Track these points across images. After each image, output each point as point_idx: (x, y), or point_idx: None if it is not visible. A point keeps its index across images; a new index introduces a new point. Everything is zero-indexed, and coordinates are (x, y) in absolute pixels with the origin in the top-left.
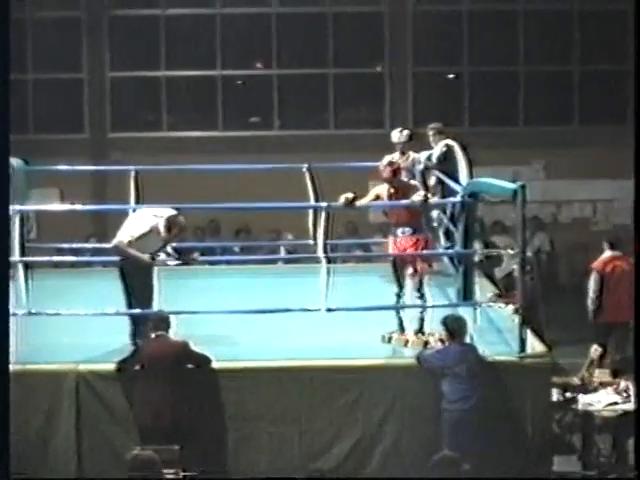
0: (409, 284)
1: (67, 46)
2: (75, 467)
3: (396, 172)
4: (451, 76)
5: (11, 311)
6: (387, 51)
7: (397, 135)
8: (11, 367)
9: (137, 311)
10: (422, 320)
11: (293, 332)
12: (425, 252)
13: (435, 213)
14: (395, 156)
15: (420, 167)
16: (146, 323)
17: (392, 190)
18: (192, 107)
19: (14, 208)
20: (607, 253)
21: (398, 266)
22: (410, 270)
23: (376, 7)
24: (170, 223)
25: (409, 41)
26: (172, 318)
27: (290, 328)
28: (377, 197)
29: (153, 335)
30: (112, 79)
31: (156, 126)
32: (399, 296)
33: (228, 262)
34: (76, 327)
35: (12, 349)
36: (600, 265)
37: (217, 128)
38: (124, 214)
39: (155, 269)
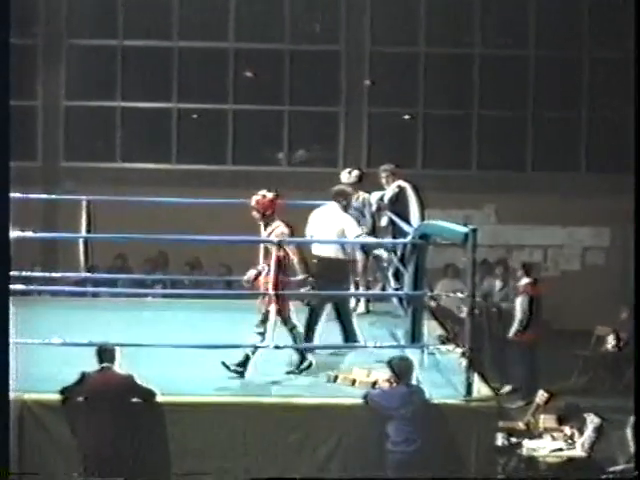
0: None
1: (22, 73)
2: None
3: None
4: (406, 117)
5: None
6: (343, 90)
7: (346, 176)
8: None
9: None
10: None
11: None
12: (376, 293)
13: (385, 254)
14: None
15: (372, 208)
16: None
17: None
18: (146, 139)
19: None
20: (526, 278)
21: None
22: (274, 307)
23: (334, 46)
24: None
25: (365, 80)
26: (118, 350)
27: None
28: None
29: (98, 367)
30: (67, 108)
31: (109, 157)
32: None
33: (178, 295)
34: (22, 356)
35: None
36: (529, 288)
37: (171, 161)
38: (74, 243)
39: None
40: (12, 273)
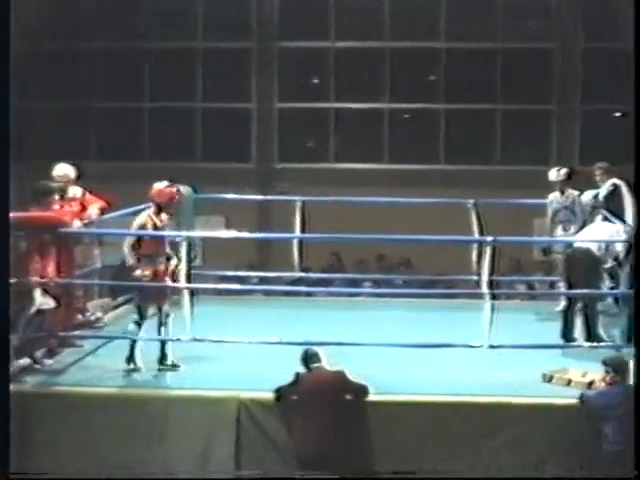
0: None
1: (236, 76)
2: None
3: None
4: (618, 114)
5: (175, 337)
6: (555, 88)
7: (555, 174)
8: (174, 392)
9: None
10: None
11: (453, 367)
12: (591, 292)
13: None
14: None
15: (582, 206)
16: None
17: None
18: (358, 139)
19: (181, 235)
20: None
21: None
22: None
23: (546, 44)
24: None
25: (578, 78)
26: (327, 349)
27: (451, 363)
28: None
29: (311, 366)
30: (280, 110)
31: (322, 157)
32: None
33: (391, 295)
34: (239, 355)
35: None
36: None
37: (383, 161)
38: (288, 243)
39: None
40: (227, 273)
